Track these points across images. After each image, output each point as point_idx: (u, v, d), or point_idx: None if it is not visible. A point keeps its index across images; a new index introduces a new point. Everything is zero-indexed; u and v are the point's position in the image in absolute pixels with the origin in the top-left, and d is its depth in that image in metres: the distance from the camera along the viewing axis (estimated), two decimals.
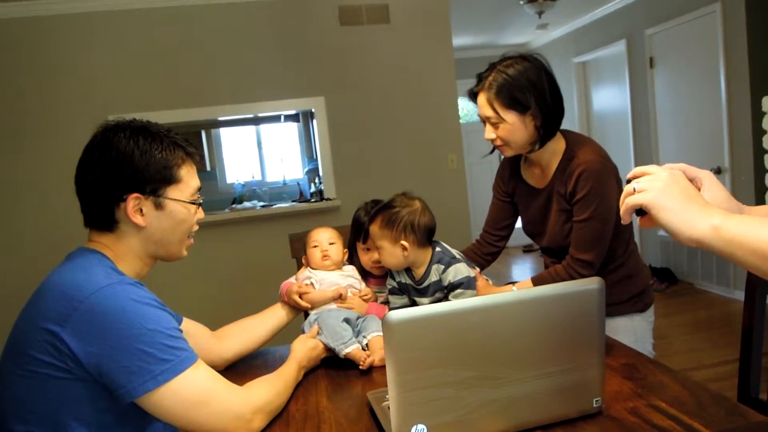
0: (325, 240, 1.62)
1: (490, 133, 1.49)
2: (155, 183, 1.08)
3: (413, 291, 1.52)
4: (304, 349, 1.37)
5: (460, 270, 1.45)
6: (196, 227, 1.19)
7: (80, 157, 1.08)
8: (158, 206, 1.09)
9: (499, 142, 1.49)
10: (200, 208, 1.20)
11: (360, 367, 1.35)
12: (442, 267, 1.46)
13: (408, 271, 1.52)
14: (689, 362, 3.18)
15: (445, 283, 1.45)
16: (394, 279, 1.55)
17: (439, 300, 1.49)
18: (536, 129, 1.46)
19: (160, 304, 1.02)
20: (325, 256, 1.60)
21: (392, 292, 1.57)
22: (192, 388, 0.98)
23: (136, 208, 1.07)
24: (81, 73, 3.60)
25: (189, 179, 1.14)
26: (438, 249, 1.49)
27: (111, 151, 1.05)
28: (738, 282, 4.17)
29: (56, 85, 3.58)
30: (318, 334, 1.44)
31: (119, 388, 0.94)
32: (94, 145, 1.07)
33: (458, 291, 1.44)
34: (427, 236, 1.47)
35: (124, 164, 1.05)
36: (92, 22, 3.59)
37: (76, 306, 0.94)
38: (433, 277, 1.47)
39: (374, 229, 1.47)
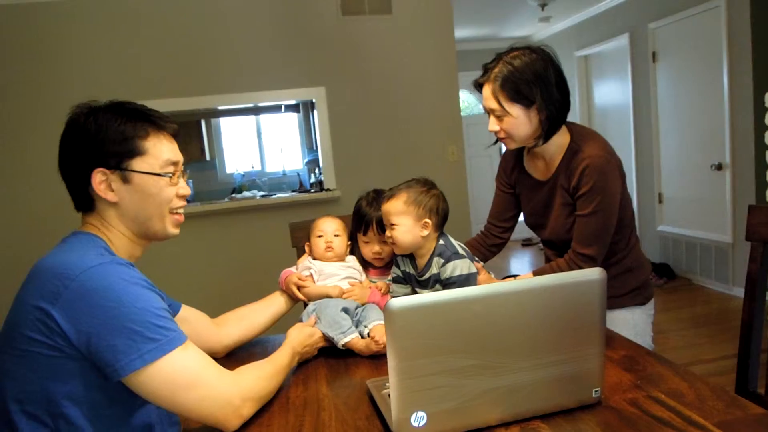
0: (331, 231, 1.61)
1: (493, 125, 1.47)
2: (118, 156, 1.07)
3: (415, 282, 1.52)
4: (300, 336, 1.37)
5: (458, 267, 1.43)
6: (180, 202, 1.15)
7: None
8: (125, 180, 1.08)
9: (502, 135, 1.48)
10: (183, 181, 1.16)
11: (378, 344, 1.36)
12: (442, 261, 1.45)
13: (412, 260, 1.52)
14: (687, 357, 3.19)
15: (443, 277, 1.45)
16: (398, 268, 1.55)
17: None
18: (541, 123, 1.44)
19: (149, 284, 1.02)
20: (328, 247, 1.60)
21: (396, 280, 1.57)
22: (180, 369, 0.97)
23: (103, 183, 1.07)
24: (78, 61, 3.58)
25: (157, 151, 1.10)
26: (441, 242, 1.48)
27: (74, 131, 1.07)
28: (737, 278, 4.18)
29: (53, 73, 3.56)
30: (316, 323, 1.44)
31: (107, 367, 0.94)
32: (64, 130, 1.10)
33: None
34: (443, 223, 1.48)
35: (85, 141, 1.06)
36: (89, 9, 3.56)
37: (66, 284, 0.94)
38: (434, 270, 1.46)
39: (397, 204, 1.44)
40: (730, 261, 4.23)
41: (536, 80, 1.40)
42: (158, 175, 1.10)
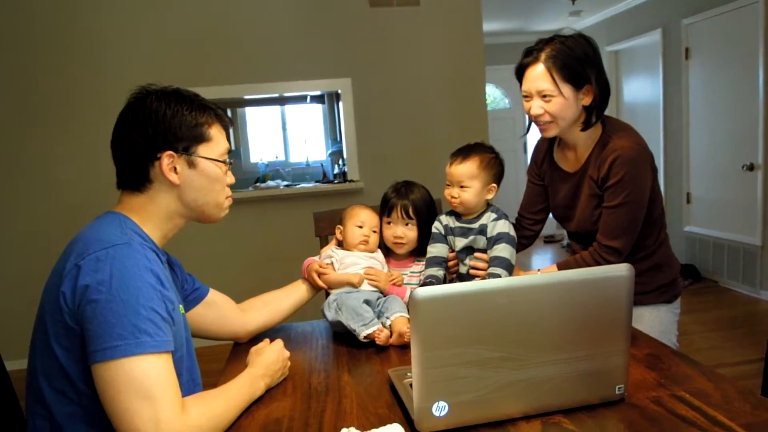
0: (371, 226, 1.62)
1: (537, 108, 1.43)
2: (187, 141, 1.11)
3: (457, 232, 1.59)
4: (264, 360, 1.20)
5: (508, 226, 1.54)
6: (228, 190, 1.20)
7: (115, 122, 1.11)
8: (191, 164, 1.12)
9: (547, 118, 1.44)
10: (230, 171, 1.21)
11: (377, 341, 1.36)
12: (494, 216, 1.54)
13: (456, 216, 1.60)
14: (711, 360, 3.13)
15: (491, 233, 1.52)
16: (441, 224, 1.62)
17: (474, 247, 1.57)
18: (585, 108, 1.44)
19: (156, 279, 0.99)
20: (365, 240, 1.60)
21: (434, 238, 1.62)
22: (137, 375, 0.91)
23: (170, 165, 1.09)
24: (107, 49, 3.63)
25: (219, 139, 1.16)
26: (495, 205, 1.59)
27: (143, 111, 1.09)
28: (765, 281, 4.08)
29: (81, 60, 3.61)
30: (338, 314, 1.45)
31: (86, 348, 0.94)
32: (127, 108, 1.11)
33: (500, 245, 1.50)
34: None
35: (156, 123, 1.08)
36: None
37: (78, 263, 0.96)
38: (483, 221, 1.55)
39: (471, 167, 1.52)
40: (759, 264, 4.14)
41: (591, 63, 1.41)
42: (222, 162, 1.16)
